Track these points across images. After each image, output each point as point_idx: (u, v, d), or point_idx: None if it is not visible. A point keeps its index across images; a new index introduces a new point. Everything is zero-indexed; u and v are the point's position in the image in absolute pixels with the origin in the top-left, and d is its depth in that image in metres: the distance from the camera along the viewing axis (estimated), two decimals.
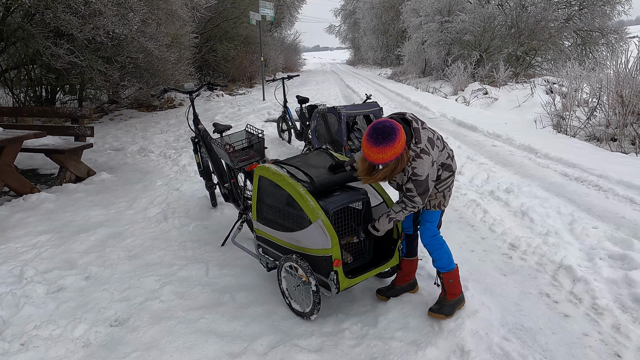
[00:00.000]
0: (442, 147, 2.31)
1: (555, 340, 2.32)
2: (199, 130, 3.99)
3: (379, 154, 2.06)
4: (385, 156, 2.07)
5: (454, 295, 2.48)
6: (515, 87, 12.15)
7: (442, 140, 2.34)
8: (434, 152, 2.21)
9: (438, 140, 2.28)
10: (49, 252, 3.43)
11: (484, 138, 7.18)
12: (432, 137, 2.24)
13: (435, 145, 2.24)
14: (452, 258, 2.49)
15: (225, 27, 16.89)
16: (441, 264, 2.47)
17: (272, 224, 2.64)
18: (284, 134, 7.05)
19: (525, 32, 15.30)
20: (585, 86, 8.25)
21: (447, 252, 2.47)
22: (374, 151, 2.07)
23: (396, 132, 2.06)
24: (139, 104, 11.43)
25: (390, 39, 32.35)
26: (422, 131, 2.19)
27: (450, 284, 2.47)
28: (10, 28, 7.42)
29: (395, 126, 2.07)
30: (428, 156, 2.16)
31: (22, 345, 2.32)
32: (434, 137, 2.26)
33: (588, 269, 2.99)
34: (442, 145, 2.32)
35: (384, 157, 2.07)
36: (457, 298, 2.49)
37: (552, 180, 4.87)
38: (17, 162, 5.77)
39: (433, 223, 2.45)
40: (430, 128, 2.29)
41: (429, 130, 2.27)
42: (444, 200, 2.40)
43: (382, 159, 2.08)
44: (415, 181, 2.17)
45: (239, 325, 2.50)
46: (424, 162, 2.14)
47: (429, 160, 2.16)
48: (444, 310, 2.46)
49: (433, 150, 2.20)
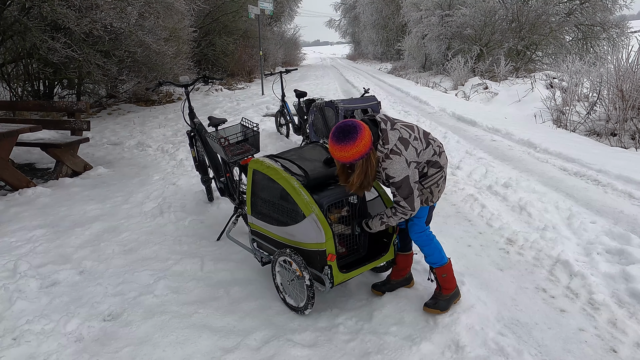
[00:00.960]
0: (424, 145, 2.27)
1: (551, 335, 2.30)
2: (195, 124, 3.96)
3: (341, 152, 2.08)
4: (347, 154, 2.08)
5: (449, 290, 2.47)
6: (516, 81, 12.09)
7: (424, 138, 2.29)
8: (409, 152, 2.18)
9: (416, 141, 2.23)
10: (44, 246, 3.41)
11: (483, 133, 7.15)
12: (406, 137, 2.20)
13: (411, 145, 2.20)
14: (444, 252, 2.47)
15: (224, 21, 16.78)
16: (432, 259, 2.45)
17: (267, 218, 2.62)
18: (282, 129, 7.02)
19: (526, 27, 15.19)
20: (586, 81, 8.20)
21: (437, 247, 2.45)
22: (337, 149, 2.09)
23: (358, 131, 2.06)
24: (137, 99, 11.39)
25: (391, 34, 32.18)
26: (390, 132, 2.17)
27: (444, 279, 2.45)
28: (6, 22, 7.37)
29: (358, 125, 2.08)
30: (399, 157, 2.14)
31: (14, 340, 2.31)
32: (410, 136, 2.22)
33: (585, 263, 2.97)
34: (426, 143, 2.28)
35: (346, 155, 2.08)
36: (452, 292, 2.47)
37: (551, 174, 4.84)
38: (14, 157, 5.74)
39: (421, 219, 2.42)
40: (407, 127, 2.26)
41: (404, 129, 2.23)
42: (432, 196, 2.37)
43: (345, 157, 2.09)
44: (393, 184, 2.18)
45: (233, 320, 2.48)
46: (394, 162, 2.13)
47: (401, 160, 2.14)
48: (439, 305, 2.44)
49: (407, 150, 2.17)
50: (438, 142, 2.38)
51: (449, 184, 4.63)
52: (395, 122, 2.25)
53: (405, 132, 2.22)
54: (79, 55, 7.40)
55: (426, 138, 2.31)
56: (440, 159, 2.35)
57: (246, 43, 18.54)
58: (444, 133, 7.00)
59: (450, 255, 3.08)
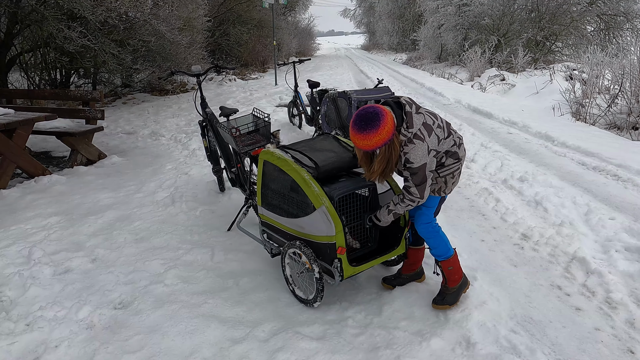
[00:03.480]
0: (446, 134, 2.21)
1: (566, 334, 2.24)
2: (206, 114, 3.95)
3: (363, 141, 2.03)
4: (370, 142, 2.02)
5: (455, 282, 2.41)
6: (534, 73, 11.80)
7: (446, 128, 2.23)
8: (431, 139, 2.11)
9: (439, 129, 2.17)
10: (58, 233, 3.45)
11: (499, 125, 7.00)
12: (429, 124, 2.13)
13: (434, 133, 2.13)
14: (450, 245, 2.41)
15: (238, 11, 16.71)
16: (438, 251, 2.39)
17: (277, 210, 2.60)
18: (295, 119, 6.98)
19: (546, 16, 14.79)
20: (607, 73, 7.95)
21: (443, 239, 2.38)
22: (359, 138, 2.04)
23: (380, 117, 2.00)
24: (151, 88, 11.45)
25: (406, 24, 31.70)
26: (415, 116, 2.10)
27: (450, 272, 2.40)
28: (24, 11, 7.44)
29: (380, 111, 2.01)
30: (422, 142, 2.07)
31: (27, 325, 2.34)
32: (434, 124, 2.16)
33: (603, 261, 2.89)
34: (447, 132, 2.22)
35: (369, 143, 2.03)
36: (459, 284, 2.42)
37: (569, 169, 4.72)
38: (31, 145, 5.83)
39: (430, 209, 2.35)
40: (430, 114, 2.20)
41: (428, 115, 2.17)
42: (445, 186, 2.30)
43: (368, 146, 2.04)
44: (409, 169, 2.11)
45: (242, 310, 2.48)
46: (417, 147, 2.06)
47: (423, 147, 2.08)
48: (447, 300, 2.40)
49: (430, 137, 2.11)
50: (458, 134, 2.32)
51: (463, 176, 4.55)
52: (419, 106, 2.19)
53: (429, 118, 2.16)
54: (94, 45, 7.44)
55: (448, 128, 2.26)
56: (460, 150, 2.29)
57: (260, 33, 18.45)
58: (459, 125, 6.88)
59: (463, 249, 3.04)
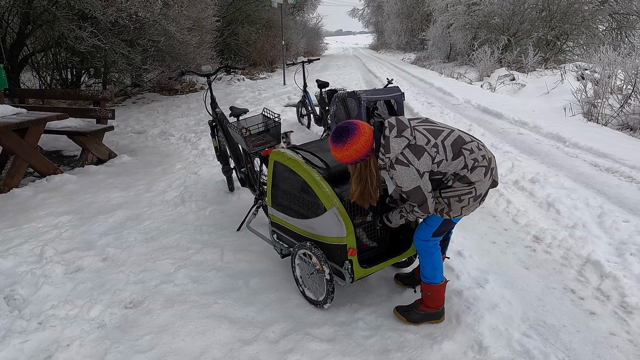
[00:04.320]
0: (450, 155, 2.02)
1: (580, 339, 2.21)
2: (216, 114, 3.95)
3: (337, 153, 2.02)
4: (343, 155, 2.00)
5: (429, 308, 2.29)
6: (545, 73, 11.69)
7: (451, 148, 2.02)
8: (421, 161, 1.96)
9: (434, 149, 1.99)
10: (69, 232, 3.48)
11: (509, 125, 6.94)
12: (421, 144, 1.98)
13: (427, 153, 1.97)
14: (440, 273, 2.25)
15: (247, 10, 16.76)
16: (425, 272, 2.27)
17: (287, 210, 2.59)
18: (304, 119, 6.97)
19: (557, 15, 14.63)
20: (620, 72, 7.84)
21: (433, 264, 2.24)
22: (333, 148, 2.03)
23: (354, 132, 1.97)
24: (161, 88, 11.52)
25: (415, 23, 31.56)
26: (394, 140, 1.96)
27: (427, 296, 2.28)
28: (36, 11, 7.52)
29: (356, 126, 1.98)
30: (406, 167, 1.95)
31: (39, 324, 2.36)
32: (428, 143, 1.99)
33: (617, 264, 2.84)
34: (453, 154, 2.02)
35: (342, 155, 2.01)
36: (431, 311, 2.30)
37: (581, 170, 4.66)
38: (43, 144, 5.89)
39: (430, 227, 2.21)
40: (428, 133, 2.02)
41: (423, 136, 2.01)
42: (449, 209, 2.10)
43: (342, 158, 2.02)
44: (403, 192, 2.03)
45: (252, 311, 2.48)
46: (401, 173, 1.96)
47: (409, 171, 1.95)
48: (410, 316, 2.32)
49: (419, 159, 1.96)
50: (477, 155, 2.05)
51: None
52: (406, 128, 1.99)
53: (422, 138, 2.00)
54: (104, 45, 7.51)
55: (457, 147, 2.03)
56: (472, 174, 2.04)
57: (269, 33, 18.49)
58: (468, 125, 6.83)
59: (474, 251, 3.02)
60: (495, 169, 2.15)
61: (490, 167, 2.10)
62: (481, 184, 2.07)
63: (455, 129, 2.13)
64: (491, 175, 2.11)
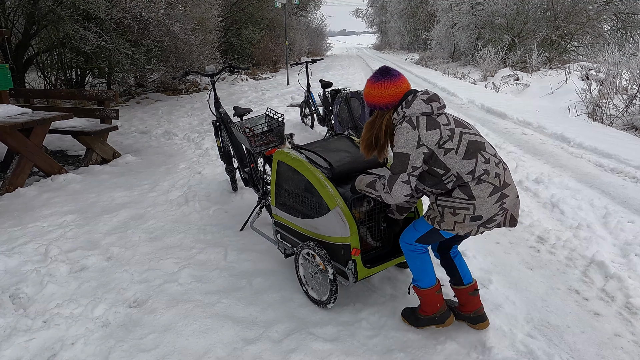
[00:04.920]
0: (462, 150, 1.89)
1: (584, 340, 2.20)
2: (220, 114, 3.96)
3: (381, 88, 1.99)
4: (375, 92, 2.00)
5: (425, 312, 2.23)
6: (549, 73, 11.65)
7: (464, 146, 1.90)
8: (429, 133, 1.87)
9: (448, 132, 1.90)
10: (74, 232, 3.50)
11: (513, 126, 6.92)
12: (439, 122, 1.91)
13: (439, 131, 1.89)
14: (428, 277, 2.15)
15: (250, 11, 16.79)
16: (414, 274, 2.20)
17: (290, 210, 2.59)
18: (307, 119, 6.97)
19: (561, 15, 14.57)
20: (625, 72, 7.80)
21: (419, 268, 2.15)
22: (376, 84, 2.01)
23: (401, 76, 2.02)
24: (164, 88, 11.56)
25: (419, 23, 31.50)
26: (418, 101, 1.93)
27: (421, 300, 2.22)
28: (41, 12, 7.56)
29: (398, 73, 2.03)
30: (412, 130, 1.88)
31: (44, 322, 2.37)
32: (445, 126, 1.91)
33: (622, 265, 2.83)
34: (466, 151, 1.89)
35: (379, 93, 1.99)
36: (428, 316, 2.23)
37: (586, 170, 4.64)
38: (47, 144, 5.91)
39: (416, 232, 2.10)
40: (451, 121, 1.95)
41: (446, 117, 1.95)
42: (441, 219, 1.95)
43: (377, 96, 1.99)
44: (393, 152, 1.95)
45: (255, 311, 2.48)
46: (404, 131, 1.89)
47: (411, 134, 1.87)
48: (412, 320, 2.29)
49: (427, 131, 1.87)
50: (491, 168, 1.90)
51: None
52: (436, 101, 1.97)
53: (444, 118, 1.95)
54: (109, 45, 7.54)
55: (475, 148, 1.91)
56: (476, 187, 1.88)
57: (272, 33, 18.52)
58: None
59: (478, 252, 3.01)
60: (511, 199, 1.94)
61: (501, 189, 1.89)
62: (483, 203, 1.88)
63: (483, 137, 2.03)
64: (501, 203, 1.90)
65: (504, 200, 1.91)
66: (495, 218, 1.94)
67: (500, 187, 1.90)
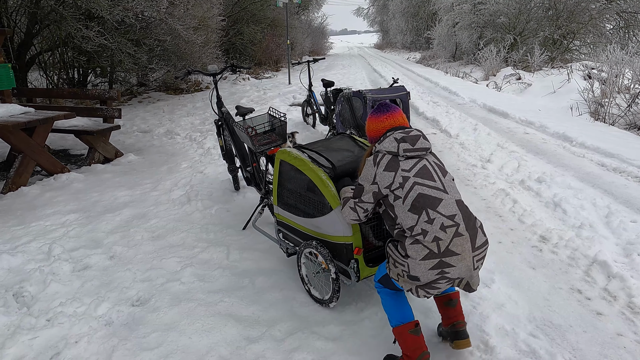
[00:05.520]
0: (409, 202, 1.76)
1: (587, 339, 2.20)
2: (222, 113, 3.97)
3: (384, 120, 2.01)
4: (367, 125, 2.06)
5: (407, 357, 1.90)
6: (551, 72, 11.63)
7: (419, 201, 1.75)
8: (383, 175, 1.83)
9: (400, 179, 1.80)
10: (76, 230, 3.51)
11: (515, 125, 6.91)
12: (397, 167, 1.82)
13: (392, 176, 1.82)
14: (396, 317, 1.96)
15: (252, 10, 16.79)
16: (386, 313, 2.04)
17: (293, 209, 2.60)
18: (309, 118, 6.98)
19: (563, 14, 14.54)
20: (627, 72, 7.78)
21: (387, 303, 2.02)
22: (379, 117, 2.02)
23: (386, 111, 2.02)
24: (166, 87, 11.57)
25: (420, 22, 31.47)
26: (389, 140, 1.88)
27: (399, 342, 1.96)
28: (43, 11, 7.58)
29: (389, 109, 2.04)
30: (372, 165, 1.88)
31: (47, 321, 2.38)
32: (401, 171, 1.81)
33: (625, 265, 2.83)
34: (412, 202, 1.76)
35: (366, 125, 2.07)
36: None
37: (588, 170, 4.63)
38: (50, 143, 5.93)
39: (379, 273, 2.03)
40: (413, 166, 1.83)
41: (409, 164, 1.83)
42: (389, 265, 1.87)
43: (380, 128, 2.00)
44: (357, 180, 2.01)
45: (258, 309, 2.49)
46: (366, 165, 1.93)
47: (370, 170, 1.88)
48: None
49: (383, 171, 1.83)
50: (433, 230, 1.71)
51: (479, 177, 4.50)
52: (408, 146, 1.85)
53: (408, 163, 1.83)
54: (111, 44, 7.55)
55: (424, 203, 1.75)
56: (410, 246, 1.73)
57: (274, 32, 18.52)
58: (474, 125, 6.81)
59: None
60: (459, 271, 1.72)
61: (439, 257, 1.69)
62: (416, 265, 1.72)
63: (455, 196, 1.81)
64: (440, 272, 1.71)
65: (444, 270, 1.71)
66: (436, 285, 1.77)
67: (439, 254, 1.70)
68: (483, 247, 1.80)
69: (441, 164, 1.94)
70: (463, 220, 1.76)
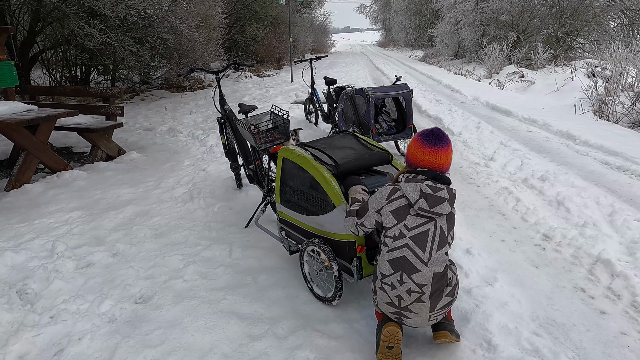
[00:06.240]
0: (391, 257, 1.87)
1: (590, 338, 2.19)
2: (225, 111, 3.97)
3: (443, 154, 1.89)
4: (409, 146, 1.97)
5: (378, 317, 2.07)
6: (554, 70, 11.59)
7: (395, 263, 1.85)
8: (389, 215, 1.89)
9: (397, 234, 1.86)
10: (80, 228, 3.51)
11: (518, 123, 6.89)
12: (404, 218, 1.86)
13: (395, 225, 1.88)
14: None
15: (254, 8, 16.78)
16: None
17: (295, 207, 2.59)
18: (311, 116, 6.97)
19: (567, 12, 14.48)
20: (632, 69, 7.75)
21: None
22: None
23: (433, 144, 1.88)
24: (169, 85, 11.58)
25: (423, 20, 31.40)
26: (413, 189, 1.84)
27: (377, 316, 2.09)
28: (46, 9, 7.58)
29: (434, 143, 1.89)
30: (384, 197, 1.92)
31: (51, 318, 2.39)
32: (406, 228, 1.85)
33: (629, 263, 2.82)
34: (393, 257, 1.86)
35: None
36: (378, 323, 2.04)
37: (592, 168, 4.62)
38: (53, 140, 5.95)
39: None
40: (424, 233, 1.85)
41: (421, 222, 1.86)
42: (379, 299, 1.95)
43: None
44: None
45: (260, 307, 2.49)
46: (381, 191, 1.95)
47: (382, 199, 1.92)
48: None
49: (389, 212, 1.89)
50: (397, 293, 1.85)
51: (481, 175, 4.49)
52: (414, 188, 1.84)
53: (414, 220, 1.87)
54: (113, 42, 7.55)
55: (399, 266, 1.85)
56: (378, 290, 1.92)
57: (276, 30, 18.51)
58: (477, 123, 6.79)
59: (482, 249, 3.00)
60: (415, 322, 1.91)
61: (399, 309, 1.88)
62: (382, 305, 1.94)
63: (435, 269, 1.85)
64: (400, 316, 1.90)
65: (402, 318, 1.93)
66: (403, 320, 1.94)
67: (399, 307, 1.89)
68: (444, 308, 1.94)
69: (446, 232, 1.89)
70: (430, 290, 1.87)
